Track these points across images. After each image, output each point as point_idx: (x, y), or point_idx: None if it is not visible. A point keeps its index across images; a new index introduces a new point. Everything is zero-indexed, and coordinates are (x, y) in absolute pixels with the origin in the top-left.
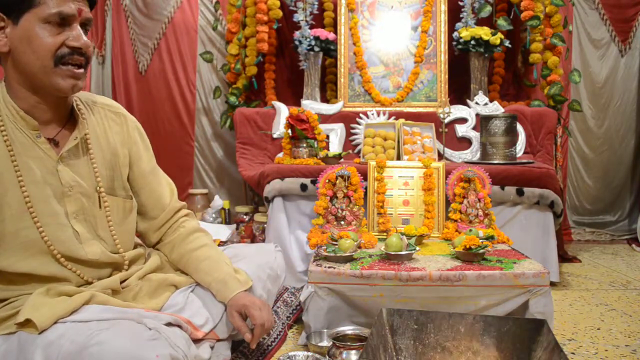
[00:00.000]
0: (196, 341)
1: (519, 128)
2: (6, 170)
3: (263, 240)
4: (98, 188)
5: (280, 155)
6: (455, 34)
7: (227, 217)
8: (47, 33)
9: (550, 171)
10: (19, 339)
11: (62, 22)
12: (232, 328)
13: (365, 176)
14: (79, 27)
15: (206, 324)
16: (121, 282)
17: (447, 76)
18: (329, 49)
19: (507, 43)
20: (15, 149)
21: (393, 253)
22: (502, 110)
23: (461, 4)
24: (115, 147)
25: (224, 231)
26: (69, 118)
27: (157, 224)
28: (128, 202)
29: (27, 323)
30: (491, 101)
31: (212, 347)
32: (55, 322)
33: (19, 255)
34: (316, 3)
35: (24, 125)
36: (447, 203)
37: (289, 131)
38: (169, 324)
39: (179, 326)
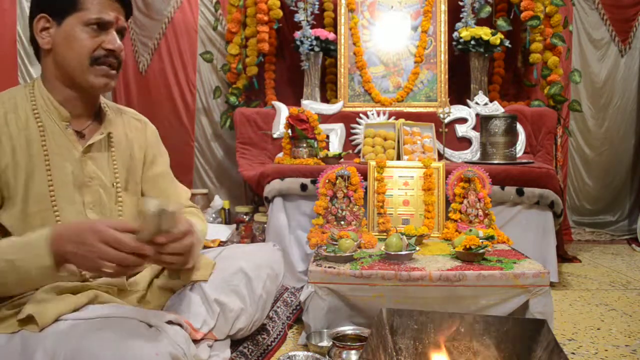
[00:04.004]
0: (195, 341)
1: (519, 128)
2: (37, 153)
3: (263, 240)
4: (115, 183)
5: (280, 155)
6: (455, 34)
7: (227, 217)
8: (86, 35)
9: (550, 171)
10: (21, 338)
11: (101, 27)
12: (230, 328)
13: (365, 176)
14: (114, 33)
15: (204, 324)
16: (127, 279)
17: (447, 76)
18: (329, 49)
19: (507, 43)
20: (47, 136)
21: (393, 253)
22: (502, 110)
23: (461, 4)
24: (133, 149)
25: (224, 231)
26: (96, 116)
27: None
28: (139, 201)
29: (29, 320)
30: (491, 101)
31: (210, 347)
32: (57, 319)
33: None
34: (317, 3)
35: (56, 116)
36: (447, 203)
37: (289, 131)
38: (169, 322)
39: (180, 325)
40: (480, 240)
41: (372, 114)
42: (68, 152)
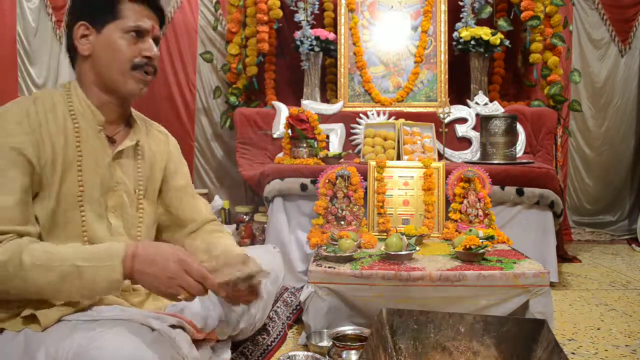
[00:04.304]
0: (196, 342)
1: (519, 128)
2: (71, 153)
3: (263, 240)
4: (138, 190)
5: (280, 155)
6: (455, 34)
7: (227, 217)
8: (125, 42)
9: (550, 171)
10: (25, 336)
11: (138, 34)
12: (232, 329)
13: (365, 176)
14: (151, 40)
15: (206, 325)
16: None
17: (447, 76)
18: (329, 49)
19: (507, 43)
20: (81, 138)
21: (393, 253)
22: (502, 110)
23: (461, 4)
24: (155, 159)
25: None
26: (126, 123)
27: (188, 230)
28: (157, 210)
29: (32, 318)
30: (491, 101)
31: (212, 348)
32: (61, 319)
33: (60, 235)
34: (317, 3)
35: (91, 119)
36: (447, 203)
37: (289, 131)
38: (172, 326)
39: (182, 327)
40: (480, 240)
41: (372, 114)
42: (100, 156)
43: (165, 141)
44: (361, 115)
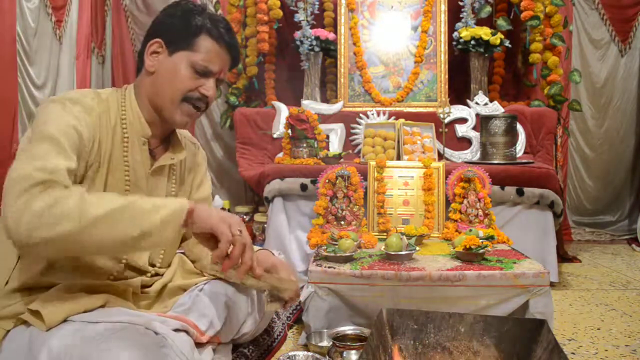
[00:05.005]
0: (198, 345)
1: (519, 128)
2: (118, 160)
3: (263, 240)
4: None
5: (280, 155)
6: (455, 34)
7: None
8: (188, 74)
9: (550, 171)
10: (30, 335)
11: (204, 73)
12: (235, 332)
13: (365, 176)
14: (213, 81)
15: (210, 328)
16: (143, 287)
17: (447, 76)
18: (329, 49)
19: (507, 43)
20: (129, 147)
21: (393, 253)
22: (502, 110)
23: (461, 4)
24: (186, 172)
25: None
26: (166, 139)
27: None
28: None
29: (38, 314)
30: (491, 101)
31: (214, 350)
32: (66, 320)
33: None
34: (317, 3)
35: (139, 130)
36: (447, 203)
37: (289, 131)
38: (176, 330)
39: (186, 331)
40: (480, 240)
41: (372, 114)
42: (141, 167)
43: (195, 153)
44: (361, 115)
